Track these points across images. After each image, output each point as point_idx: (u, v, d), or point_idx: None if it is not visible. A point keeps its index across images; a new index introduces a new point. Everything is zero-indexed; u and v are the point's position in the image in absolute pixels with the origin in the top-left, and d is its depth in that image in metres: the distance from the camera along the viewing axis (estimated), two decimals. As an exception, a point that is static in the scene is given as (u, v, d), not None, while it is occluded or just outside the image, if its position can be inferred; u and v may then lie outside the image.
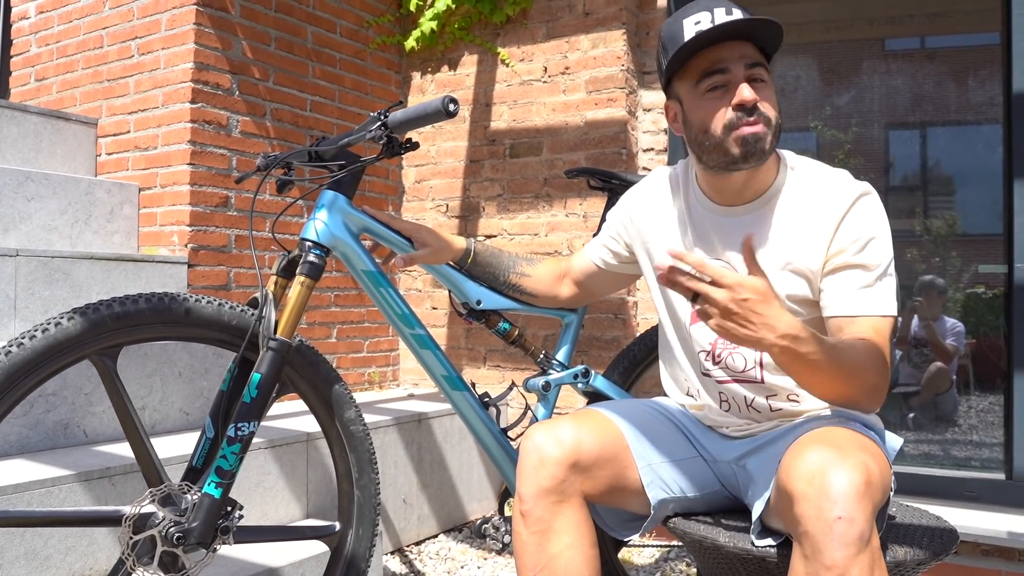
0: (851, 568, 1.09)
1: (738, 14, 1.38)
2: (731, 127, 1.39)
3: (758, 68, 1.39)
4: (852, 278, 1.39)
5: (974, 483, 2.54)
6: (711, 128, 1.41)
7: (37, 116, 2.97)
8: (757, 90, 1.39)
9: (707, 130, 1.42)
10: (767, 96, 1.40)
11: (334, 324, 3.34)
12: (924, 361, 2.97)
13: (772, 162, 1.47)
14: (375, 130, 1.58)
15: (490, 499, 3.11)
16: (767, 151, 1.40)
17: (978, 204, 2.82)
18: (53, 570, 1.75)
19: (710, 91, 1.41)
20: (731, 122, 1.38)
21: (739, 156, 1.39)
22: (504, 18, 3.33)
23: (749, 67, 1.39)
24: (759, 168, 1.44)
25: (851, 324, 1.37)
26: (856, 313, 1.37)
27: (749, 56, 1.39)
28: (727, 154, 1.41)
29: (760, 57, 1.41)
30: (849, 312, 1.38)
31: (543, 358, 1.97)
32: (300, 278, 1.57)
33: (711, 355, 1.55)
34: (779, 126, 1.42)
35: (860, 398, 1.32)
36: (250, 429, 1.48)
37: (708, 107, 1.41)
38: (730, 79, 1.39)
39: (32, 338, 1.34)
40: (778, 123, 1.41)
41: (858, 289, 1.38)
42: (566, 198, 3.21)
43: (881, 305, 1.37)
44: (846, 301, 1.38)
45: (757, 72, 1.39)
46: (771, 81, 1.43)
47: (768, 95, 1.40)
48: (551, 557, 1.39)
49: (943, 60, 2.93)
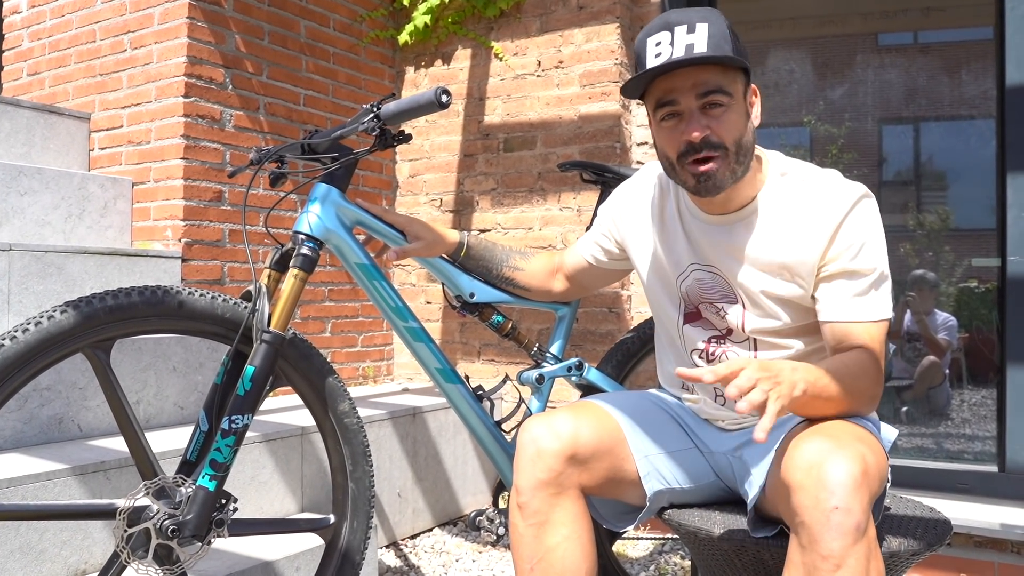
0: (848, 558, 1.10)
1: (700, 32, 1.33)
2: (683, 157, 1.39)
3: (715, 95, 1.35)
4: (847, 286, 1.39)
5: (967, 475, 2.56)
6: (668, 155, 1.42)
7: (30, 111, 2.95)
8: (713, 117, 1.36)
9: (666, 156, 1.43)
10: (724, 121, 1.36)
11: (328, 319, 3.33)
12: (917, 355, 2.98)
13: (756, 170, 1.46)
14: (368, 122, 1.58)
15: (485, 493, 3.12)
16: (723, 184, 1.38)
17: (971, 198, 2.83)
18: (48, 564, 1.74)
19: (664, 121, 1.40)
20: (683, 152, 1.38)
21: (695, 189, 1.41)
22: (498, 12, 3.32)
23: (702, 95, 1.35)
24: (740, 183, 1.43)
25: (847, 331, 1.39)
26: (852, 319, 1.39)
27: (703, 83, 1.35)
28: (686, 183, 1.42)
29: (719, 79, 1.35)
30: (845, 318, 1.39)
31: (537, 351, 1.97)
32: (293, 271, 1.56)
33: (704, 354, 1.56)
34: (740, 148, 1.38)
35: (860, 409, 1.36)
36: (244, 422, 1.48)
37: (664, 136, 1.42)
38: (682, 110, 1.37)
39: (25, 331, 1.33)
40: (739, 145, 1.38)
41: (853, 296, 1.39)
42: (560, 192, 3.21)
43: (876, 311, 1.39)
44: (842, 308, 1.39)
45: (713, 98, 1.35)
46: (737, 101, 1.38)
47: (726, 119, 1.36)
48: (548, 549, 1.39)
49: (936, 54, 2.93)
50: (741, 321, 1.49)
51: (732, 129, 1.37)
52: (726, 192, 1.43)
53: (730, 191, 1.43)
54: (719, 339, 1.54)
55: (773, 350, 1.49)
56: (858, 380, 1.33)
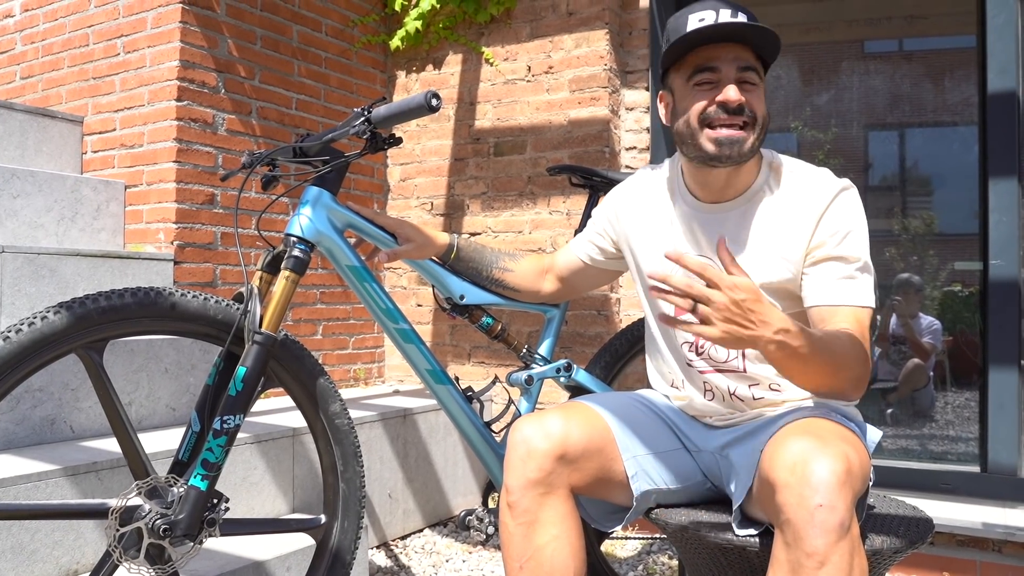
0: (832, 555, 1.12)
1: (742, 18, 1.42)
2: (706, 121, 1.43)
3: (749, 72, 1.43)
4: (833, 269, 1.42)
5: (950, 476, 2.59)
6: (690, 118, 1.45)
7: (23, 114, 2.96)
8: (745, 92, 1.42)
9: (688, 120, 1.46)
10: (755, 98, 1.44)
11: (320, 321, 3.35)
12: (902, 358, 3.01)
13: (755, 161, 1.51)
14: (359, 125, 1.59)
15: (475, 494, 3.13)
16: (745, 153, 1.43)
17: (954, 203, 2.87)
18: (40, 564, 1.75)
19: (698, 85, 1.45)
20: (707, 116, 1.43)
21: (713, 154, 1.44)
22: (488, 18, 3.35)
23: (741, 70, 1.42)
24: (741, 167, 1.48)
25: (833, 313, 1.40)
26: (838, 302, 1.40)
27: (743, 59, 1.42)
28: (700, 149, 1.45)
29: (755, 62, 1.44)
30: (831, 301, 1.41)
31: (526, 353, 1.99)
32: (285, 273, 1.57)
33: (694, 347, 1.58)
34: (765, 127, 1.46)
35: (846, 388, 1.34)
36: (236, 422, 1.49)
37: (693, 98, 1.45)
38: (720, 77, 1.43)
39: (18, 332, 1.34)
40: (764, 123, 1.45)
41: (839, 279, 1.41)
42: (550, 196, 3.23)
43: (861, 296, 1.41)
44: (828, 291, 1.41)
45: (748, 75, 1.43)
46: (762, 85, 1.46)
47: (756, 97, 1.44)
48: (537, 548, 1.40)
49: (920, 62, 2.97)
50: None
51: (761, 107, 1.45)
52: (727, 176, 1.48)
53: (730, 174, 1.48)
54: None
55: None
56: (846, 353, 1.30)
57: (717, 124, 1.43)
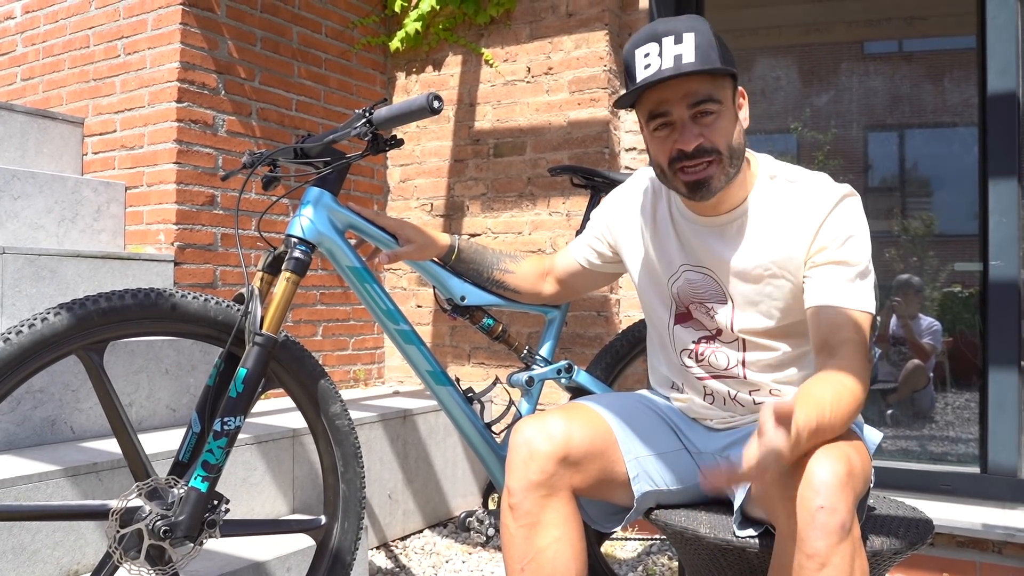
0: (832, 556, 1.11)
1: (687, 42, 1.36)
2: (674, 166, 1.43)
3: (705, 103, 1.39)
4: (835, 272, 1.40)
5: (950, 477, 2.59)
6: (661, 163, 1.46)
7: (23, 115, 2.96)
8: (704, 125, 1.40)
9: (659, 164, 1.47)
10: (715, 130, 1.40)
11: (320, 322, 3.35)
12: (902, 359, 3.01)
13: (746, 172, 1.49)
14: (360, 126, 1.59)
15: (475, 495, 3.13)
16: (716, 187, 1.42)
17: (954, 204, 2.87)
18: (41, 565, 1.75)
19: (657, 131, 1.44)
20: (675, 159, 1.42)
21: (688, 194, 1.45)
22: (488, 19, 3.35)
23: (693, 105, 1.39)
24: (731, 185, 1.46)
25: (834, 316, 1.38)
26: (838, 304, 1.38)
27: (693, 93, 1.38)
28: (677, 189, 1.47)
29: (710, 86, 1.39)
30: (831, 302, 1.38)
31: (526, 354, 1.99)
32: (286, 274, 1.57)
33: (694, 354, 1.58)
34: (733, 151, 1.42)
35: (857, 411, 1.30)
36: (236, 423, 1.49)
37: (656, 144, 1.45)
38: (674, 120, 1.41)
39: (19, 333, 1.34)
40: (731, 149, 1.42)
41: (841, 282, 1.40)
42: (549, 197, 3.23)
43: (862, 301, 1.39)
44: (829, 292, 1.39)
45: (703, 107, 1.39)
46: (728, 106, 1.42)
47: (718, 128, 1.40)
48: (539, 550, 1.40)
49: (920, 63, 2.97)
50: (730, 321, 1.52)
51: (724, 134, 1.41)
52: (717, 197, 1.46)
53: (721, 193, 1.46)
54: (708, 339, 1.56)
55: (761, 351, 1.52)
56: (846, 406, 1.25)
57: (684, 168, 1.42)
